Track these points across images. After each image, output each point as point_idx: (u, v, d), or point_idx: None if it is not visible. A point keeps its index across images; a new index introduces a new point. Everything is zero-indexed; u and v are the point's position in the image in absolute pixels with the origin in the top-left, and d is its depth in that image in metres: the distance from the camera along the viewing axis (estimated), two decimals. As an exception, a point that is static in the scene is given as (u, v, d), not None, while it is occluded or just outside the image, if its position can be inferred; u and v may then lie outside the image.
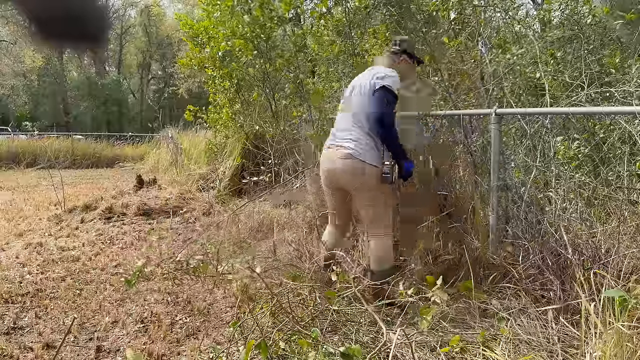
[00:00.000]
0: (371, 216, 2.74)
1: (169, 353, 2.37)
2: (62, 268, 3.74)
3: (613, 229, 2.61)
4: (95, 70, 34.62)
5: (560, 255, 2.55)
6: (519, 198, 2.92)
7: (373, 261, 2.73)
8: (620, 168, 3.03)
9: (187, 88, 24.43)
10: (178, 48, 30.49)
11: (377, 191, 2.67)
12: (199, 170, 8.01)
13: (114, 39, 33.76)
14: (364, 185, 2.66)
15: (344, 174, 2.69)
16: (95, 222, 5.33)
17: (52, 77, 30.37)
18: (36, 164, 13.21)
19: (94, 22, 0.81)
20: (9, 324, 2.72)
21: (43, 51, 26.72)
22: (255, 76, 6.03)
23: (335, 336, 2.32)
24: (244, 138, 6.66)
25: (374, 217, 2.73)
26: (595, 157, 3.21)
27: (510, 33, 4.09)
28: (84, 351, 2.42)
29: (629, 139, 3.01)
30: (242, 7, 5.32)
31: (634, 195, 3.03)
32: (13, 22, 25.48)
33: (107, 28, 1.12)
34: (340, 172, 2.70)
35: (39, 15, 0.76)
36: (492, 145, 2.95)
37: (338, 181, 2.78)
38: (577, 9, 3.84)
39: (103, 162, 15.58)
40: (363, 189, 2.68)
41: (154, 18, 34.97)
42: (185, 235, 4.72)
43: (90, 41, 0.85)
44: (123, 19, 35.40)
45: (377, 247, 2.73)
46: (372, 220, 2.74)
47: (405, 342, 2.05)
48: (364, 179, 2.64)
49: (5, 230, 5.08)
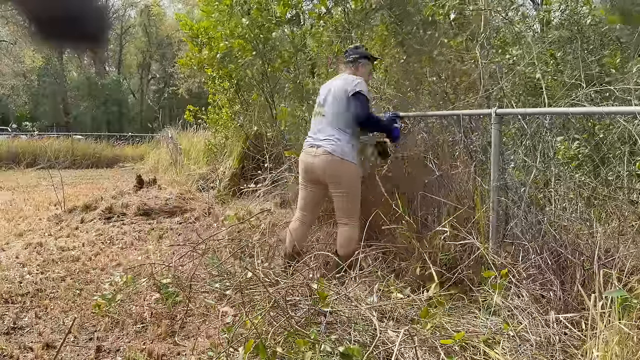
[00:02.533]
0: (344, 206, 3.17)
1: (169, 353, 2.38)
2: (62, 268, 3.74)
3: (613, 229, 2.61)
4: (95, 70, 34.62)
5: (560, 255, 2.55)
6: (518, 198, 2.92)
7: (339, 245, 3.15)
8: (620, 168, 3.03)
9: (187, 88, 24.43)
10: (178, 48, 30.47)
11: (352, 184, 3.15)
12: (198, 171, 8.01)
13: (114, 39, 33.74)
14: (342, 179, 3.12)
15: (324, 170, 3.11)
16: (95, 222, 5.33)
17: (52, 77, 30.36)
18: (36, 164, 13.22)
19: (94, 22, 0.81)
20: (9, 324, 2.72)
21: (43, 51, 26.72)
22: (254, 77, 6.03)
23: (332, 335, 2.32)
24: (243, 138, 6.66)
25: (346, 206, 3.16)
26: (595, 157, 3.21)
27: (510, 34, 4.09)
28: (84, 351, 2.42)
29: (629, 139, 3.01)
30: (240, 8, 5.32)
31: (634, 195, 3.03)
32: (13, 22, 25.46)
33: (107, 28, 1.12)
34: (321, 168, 3.12)
35: (39, 15, 0.76)
36: (492, 146, 2.95)
37: (317, 175, 3.18)
38: (577, 9, 3.84)
39: (103, 162, 15.59)
40: (341, 182, 3.12)
41: (154, 18, 34.94)
42: (185, 235, 4.72)
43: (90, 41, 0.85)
44: (123, 19, 35.39)
45: (344, 234, 3.16)
46: (343, 209, 3.17)
47: (406, 341, 2.05)
48: (342, 173, 3.11)
49: (5, 230, 5.08)
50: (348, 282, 2.76)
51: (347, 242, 3.14)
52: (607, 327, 1.88)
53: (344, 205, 3.16)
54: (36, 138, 15.84)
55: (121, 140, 20.16)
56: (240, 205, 5.38)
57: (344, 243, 3.14)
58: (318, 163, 3.12)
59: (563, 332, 2.19)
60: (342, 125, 3.12)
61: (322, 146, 3.11)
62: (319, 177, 3.18)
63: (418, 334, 2.13)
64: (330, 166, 3.09)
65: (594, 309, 1.97)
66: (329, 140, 3.11)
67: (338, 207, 3.20)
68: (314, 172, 3.19)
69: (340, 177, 3.11)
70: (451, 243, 2.92)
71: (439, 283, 2.66)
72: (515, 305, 2.37)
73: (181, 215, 5.62)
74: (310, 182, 3.26)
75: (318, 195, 3.31)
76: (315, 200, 3.34)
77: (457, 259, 2.91)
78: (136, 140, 20.55)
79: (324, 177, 3.15)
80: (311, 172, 3.20)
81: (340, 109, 3.13)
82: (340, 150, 3.08)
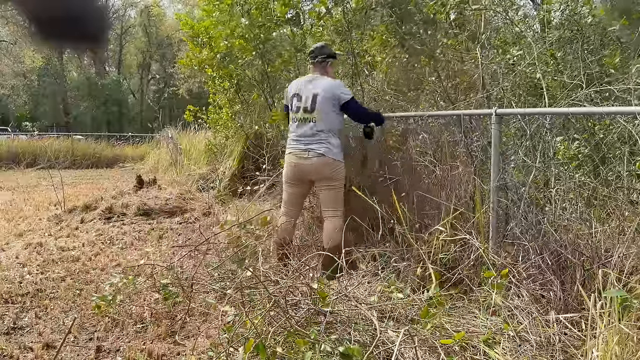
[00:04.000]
0: (332, 197, 3.36)
1: (169, 353, 2.38)
2: (62, 268, 3.74)
3: (613, 229, 2.61)
4: (95, 71, 34.60)
5: (560, 255, 2.55)
6: (518, 198, 2.92)
7: (328, 237, 3.27)
8: (620, 168, 3.03)
9: (188, 89, 24.41)
10: (178, 48, 30.48)
11: (341, 177, 3.40)
12: (198, 171, 8.01)
13: (114, 39, 33.73)
14: (331, 175, 3.33)
15: (317, 171, 3.32)
16: (95, 222, 5.33)
17: (52, 77, 30.35)
18: (36, 164, 13.22)
19: (93, 22, 0.81)
20: (9, 324, 2.73)
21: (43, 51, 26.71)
22: (254, 77, 6.03)
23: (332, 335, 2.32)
24: (244, 138, 6.65)
25: (334, 197, 3.36)
26: (595, 157, 3.21)
27: (510, 34, 4.09)
28: (84, 351, 2.42)
29: (629, 139, 3.01)
30: (240, 7, 5.32)
31: (634, 196, 3.03)
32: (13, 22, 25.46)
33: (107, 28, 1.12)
34: (314, 170, 3.32)
35: (39, 15, 0.76)
36: (492, 146, 2.95)
37: (307, 176, 3.38)
38: (577, 9, 3.83)
39: (103, 163, 15.58)
40: (331, 178, 3.34)
41: (154, 18, 34.95)
42: (185, 235, 4.72)
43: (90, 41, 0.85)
44: (123, 19, 35.37)
45: (331, 224, 3.32)
46: (332, 200, 3.36)
47: (406, 341, 2.04)
48: (334, 172, 3.33)
49: (5, 230, 5.09)
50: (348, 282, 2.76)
51: (334, 232, 3.25)
52: (607, 327, 1.88)
53: (332, 197, 3.36)
54: (36, 138, 15.84)
55: (121, 141, 20.14)
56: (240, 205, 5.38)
57: (332, 234, 3.25)
58: (311, 165, 3.32)
59: (563, 332, 2.19)
60: (334, 129, 3.34)
61: (314, 150, 3.30)
62: (309, 177, 3.40)
63: (418, 334, 2.12)
64: (324, 168, 3.31)
65: (594, 309, 1.97)
66: (321, 144, 3.30)
67: (327, 199, 3.38)
68: (304, 173, 3.38)
69: (332, 175, 3.34)
70: (451, 243, 2.92)
71: (439, 283, 2.66)
72: (515, 305, 2.37)
73: (181, 215, 5.62)
74: (299, 180, 3.44)
75: (305, 190, 3.55)
76: (303, 194, 3.58)
77: (457, 259, 2.91)
78: (136, 141, 20.54)
79: (316, 177, 3.37)
80: (301, 173, 3.38)
81: (331, 114, 3.33)
82: (332, 152, 3.30)
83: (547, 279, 2.50)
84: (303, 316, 2.28)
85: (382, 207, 3.10)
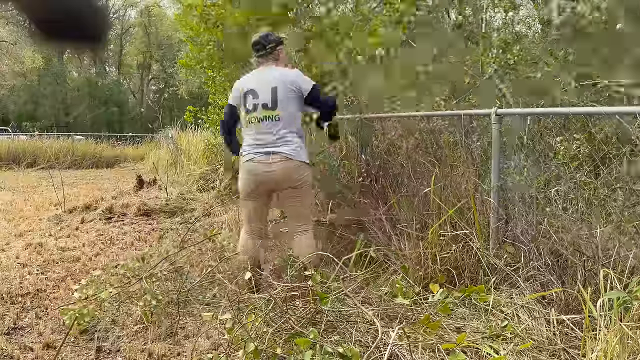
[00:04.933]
0: (302, 211, 3.04)
1: (169, 353, 2.37)
2: (62, 268, 3.74)
3: (613, 229, 2.61)
4: (95, 71, 34.63)
5: (561, 255, 2.55)
6: (518, 198, 2.91)
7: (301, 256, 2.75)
8: (620, 168, 3.02)
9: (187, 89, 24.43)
10: (178, 49, 30.48)
11: (309, 188, 3.06)
12: (199, 171, 8.01)
13: (114, 39, 33.77)
14: (301, 184, 2.96)
15: (284, 177, 2.92)
16: (96, 223, 5.33)
17: (52, 77, 30.36)
18: (36, 165, 13.22)
19: (94, 23, 0.81)
20: (9, 324, 2.72)
21: (43, 51, 26.73)
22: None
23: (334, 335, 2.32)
24: (244, 138, 6.64)
25: (305, 211, 3.05)
26: (596, 157, 3.21)
27: (511, 34, 4.09)
28: (84, 351, 2.42)
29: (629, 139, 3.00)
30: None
31: (634, 196, 3.02)
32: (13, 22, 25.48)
33: (107, 28, 1.12)
34: (280, 176, 2.91)
35: (39, 15, 0.76)
36: (493, 146, 2.95)
37: (272, 186, 2.98)
38: (577, 9, 3.83)
39: (103, 163, 15.57)
40: (301, 186, 2.96)
41: (154, 18, 34.97)
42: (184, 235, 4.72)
43: (90, 41, 0.85)
44: (123, 19, 35.42)
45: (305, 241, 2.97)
46: (302, 215, 3.03)
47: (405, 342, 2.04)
48: (302, 177, 2.95)
49: (5, 230, 5.08)
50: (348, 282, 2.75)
51: (308, 249, 2.91)
52: (607, 327, 1.87)
53: (302, 211, 3.03)
54: (36, 138, 15.84)
55: (121, 141, 20.15)
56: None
57: (306, 251, 2.86)
58: (276, 171, 2.90)
59: (564, 332, 2.19)
60: (298, 126, 2.99)
61: (279, 152, 2.90)
62: (274, 187, 2.99)
63: (419, 335, 2.12)
64: (291, 172, 2.91)
65: (595, 309, 1.96)
66: (287, 144, 2.91)
67: (296, 214, 3.04)
68: (268, 183, 2.97)
69: (300, 181, 2.95)
70: (451, 243, 2.92)
71: (440, 284, 2.66)
72: (515, 305, 2.37)
73: (181, 215, 5.62)
74: (262, 193, 3.04)
75: (268, 200, 3.13)
76: (266, 204, 3.14)
77: (458, 260, 2.91)
78: (136, 141, 20.55)
79: (282, 185, 2.96)
80: (266, 183, 2.96)
81: (295, 108, 2.97)
82: (297, 153, 2.92)
83: (547, 279, 2.50)
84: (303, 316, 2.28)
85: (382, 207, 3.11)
